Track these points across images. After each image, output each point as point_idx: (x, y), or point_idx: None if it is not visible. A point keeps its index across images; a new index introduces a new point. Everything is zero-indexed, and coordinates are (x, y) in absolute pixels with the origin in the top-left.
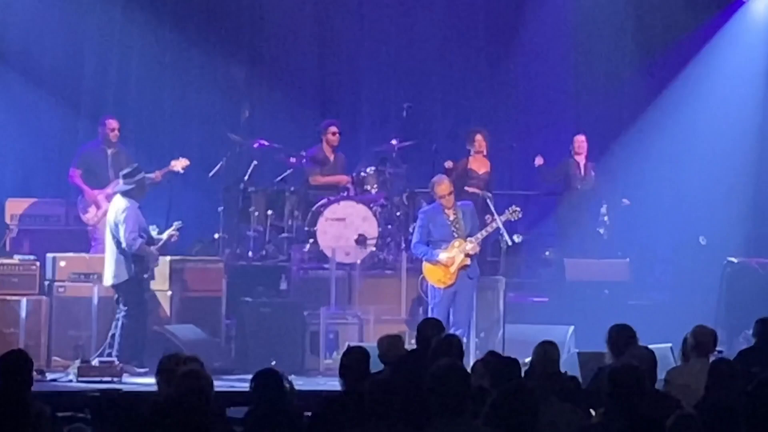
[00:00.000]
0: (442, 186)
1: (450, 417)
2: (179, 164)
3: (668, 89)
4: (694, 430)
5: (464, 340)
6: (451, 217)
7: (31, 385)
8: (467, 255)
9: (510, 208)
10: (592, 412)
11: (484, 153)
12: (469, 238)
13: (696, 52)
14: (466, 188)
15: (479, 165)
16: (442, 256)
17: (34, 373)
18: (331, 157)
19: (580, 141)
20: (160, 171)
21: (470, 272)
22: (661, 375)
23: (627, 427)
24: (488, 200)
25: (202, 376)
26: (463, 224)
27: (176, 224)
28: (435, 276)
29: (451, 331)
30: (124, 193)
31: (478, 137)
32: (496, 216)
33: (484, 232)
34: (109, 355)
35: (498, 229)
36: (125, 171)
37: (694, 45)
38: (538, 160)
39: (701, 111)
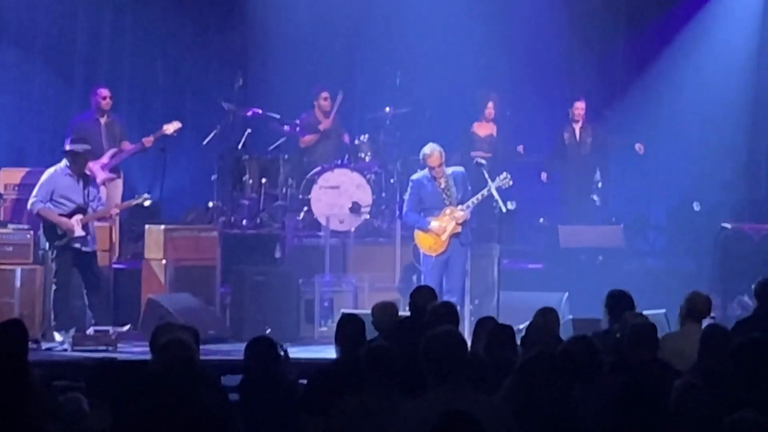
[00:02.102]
0: (433, 157)
1: (446, 384)
2: (171, 127)
3: (661, 55)
4: (698, 399)
5: (459, 307)
6: (442, 185)
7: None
8: (458, 223)
9: (501, 176)
10: None
11: (492, 119)
12: (460, 206)
13: (690, 17)
14: (471, 154)
15: (483, 129)
16: (434, 224)
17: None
18: (324, 123)
19: (579, 108)
20: (153, 135)
21: (462, 239)
22: None
23: (621, 391)
24: (481, 166)
25: (184, 344)
26: (454, 191)
27: (142, 197)
28: (426, 244)
29: (445, 298)
30: (65, 157)
31: (490, 104)
32: (489, 182)
33: (475, 200)
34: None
35: (490, 196)
36: (72, 137)
37: (688, 9)
38: (520, 148)
39: (694, 76)
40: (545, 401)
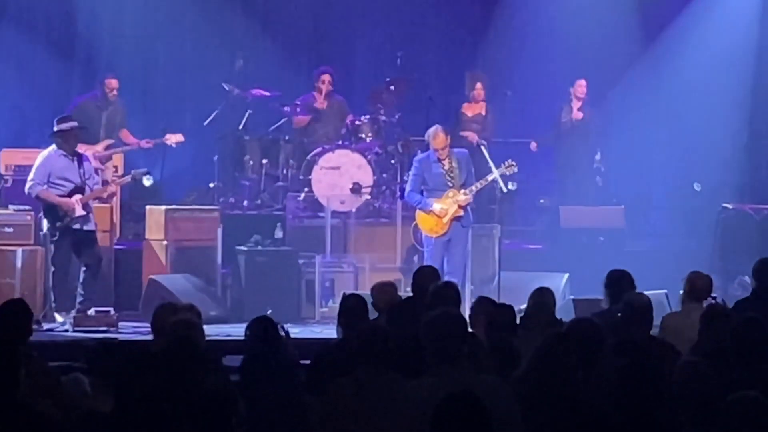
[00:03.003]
0: (438, 139)
1: (447, 364)
2: (173, 138)
3: (663, 35)
4: (698, 376)
5: (461, 289)
6: (446, 166)
7: (30, 335)
8: (460, 206)
9: (506, 162)
10: None
11: (482, 99)
12: (463, 189)
13: None
14: (461, 134)
15: (473, 109)
16: (436, 206)
17: None
18: (324, 105)
19: (581, 85)
20: (153, 140)
21: (464, 221)
22: (656, 321)
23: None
24: (483, 148)
25: (192, 325)
26: (458, 173)
27: (139, 171)
28: (427, 225)
29: (446, 279)
30: (54, 140)
31: (478, 85)
32: (492, 166)
33: (479, 185)
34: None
35: (494, 180)
36: (58, 117)
37: None
38: (533, 146)
39: (696, 57)
40: (561, 384)
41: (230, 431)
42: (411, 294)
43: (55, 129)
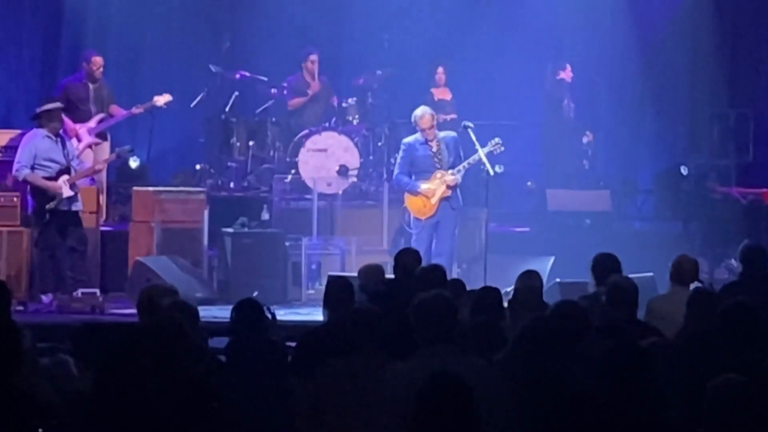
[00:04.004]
0: (425, 119)
1: (435, 346)
2: (162, 99)
3: (650, 18)
4: (683, 360)
5: (448, 271)
6: (434, 149)
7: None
8: (448, 186)
9: (492, 141)
10: None
11: (445, 83)
12: (450, 170)
13: None
14: (440, 117)
15: (445, 93)
16: (423, 187)
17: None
18: (312, 85)
19: (567, 71)
20: (143, 105)
21: (453, 203)
22: (643, 304)
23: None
24: (469, 130)
25: (185, 308)
26: (446, 155)
27: (124, 149)
28: (416, 207)
29: (434, 261)
30: (36, 122)
31: (440, 69)
32: (478, 147)
33: (466, 164)
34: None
35: (480, 160)
36: (40, 98)
37: None
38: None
39: (682, 41)
40: (543, 367)
41: (211, 416)
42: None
43: (39, 110)
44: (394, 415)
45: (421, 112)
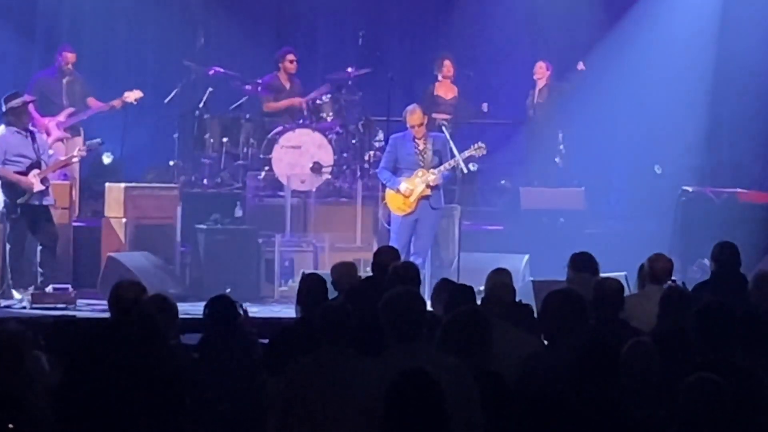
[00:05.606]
0: (415, 116)
1: (405, 343)
2: (132, 95)
3: (625, 17)
4: (648, 356)
5: (423, 269)
6: (420, 147)
7: None
8: (429, 186)
9: (475, 144)
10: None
11: (452, 79)
12: (432, 170)
13: None
14: (433, 115)
15: (446, 90)
16: (402, 185)
17: None
18: (288, 85)
19: (541, 67)
20: (114, 101)
21: (433, 202)
22: None
23: (578, 351)
24: (444, 129)
25: (164, 306)
26: (431, 154)
27: (94, 141)
28: (395, 203)
29: (411, 259)
30: (5, 119)
31: (447, 62)
32: (454, 150)
33: (447, 165)
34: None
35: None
36: (6, 95)
37: None
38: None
39: (657, 39)
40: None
41: (183, 411)
42: (371, 274)
43: (5, 108)
44: (364, 412)
45: (413, 108)
